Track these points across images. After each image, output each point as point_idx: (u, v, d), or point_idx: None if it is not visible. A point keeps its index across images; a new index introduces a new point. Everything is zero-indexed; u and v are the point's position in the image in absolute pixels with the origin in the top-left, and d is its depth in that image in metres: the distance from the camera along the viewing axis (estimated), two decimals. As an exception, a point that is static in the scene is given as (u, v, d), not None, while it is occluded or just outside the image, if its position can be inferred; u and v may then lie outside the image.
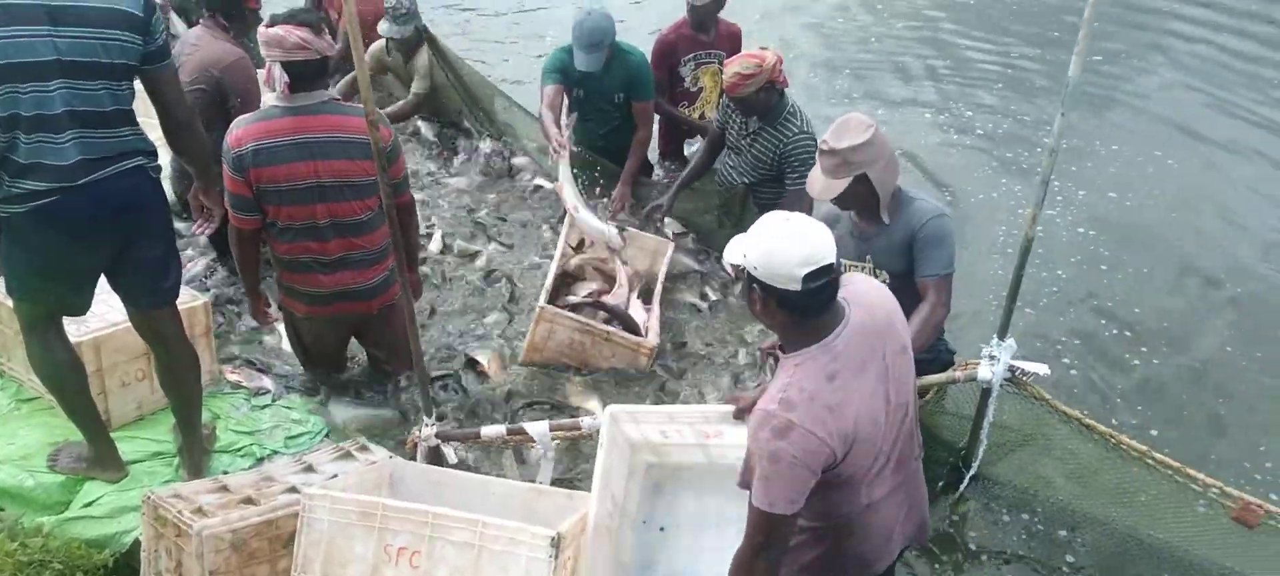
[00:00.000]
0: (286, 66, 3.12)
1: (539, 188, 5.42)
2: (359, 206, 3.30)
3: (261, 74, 3.83)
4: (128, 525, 3.03)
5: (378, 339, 3.68)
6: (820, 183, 3.05)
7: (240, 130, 3.18)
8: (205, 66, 3.89)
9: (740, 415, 2.76)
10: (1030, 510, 3.53)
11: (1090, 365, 4.76)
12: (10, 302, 3.01)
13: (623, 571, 2.83)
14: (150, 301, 3.04)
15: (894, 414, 2.22)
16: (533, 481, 3.18)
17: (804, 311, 2.11)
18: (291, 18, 3.14)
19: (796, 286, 2.05)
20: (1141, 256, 5.63)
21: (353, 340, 3.81)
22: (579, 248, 4.45)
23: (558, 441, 3.24)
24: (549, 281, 4.02)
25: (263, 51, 3.13)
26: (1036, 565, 3.43)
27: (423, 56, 5.64)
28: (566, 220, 4.36)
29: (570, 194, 4.25)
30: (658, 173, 5.51)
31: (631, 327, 3.96)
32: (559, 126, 4.41)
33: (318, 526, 2.44)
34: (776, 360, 2.66)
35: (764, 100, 4.11)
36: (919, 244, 3.04)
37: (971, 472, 3.38)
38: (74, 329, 3.12)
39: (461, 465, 3.25)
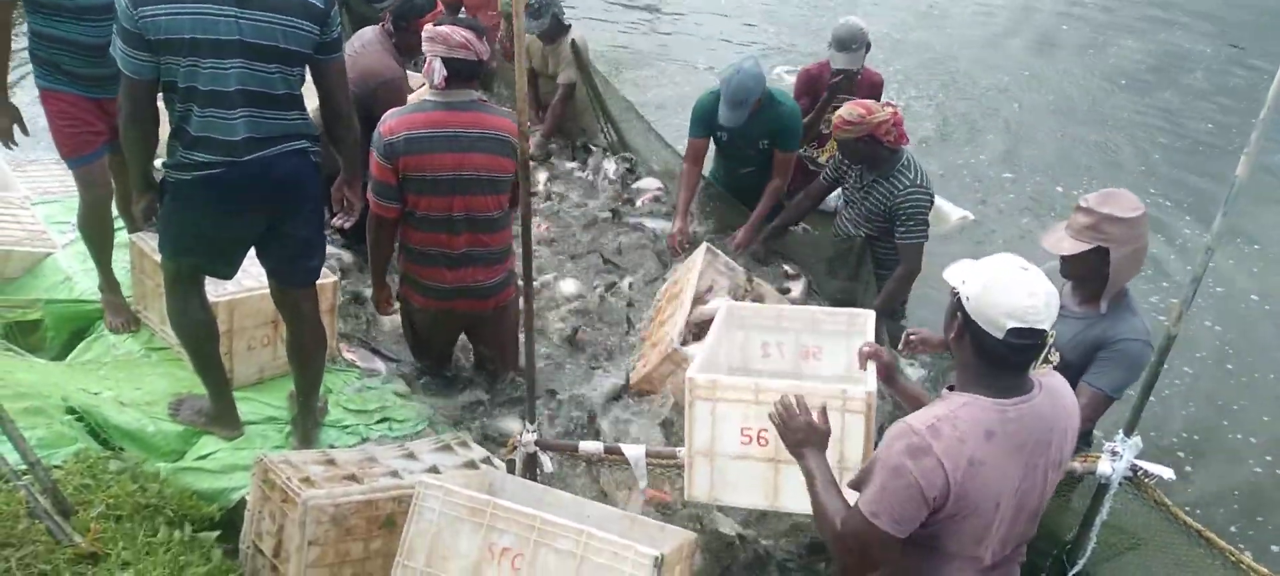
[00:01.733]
0: (446, 61, 3.29)
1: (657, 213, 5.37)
2: (492, 202, 3.42)
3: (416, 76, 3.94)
4: (237, 482, 3.15)
5: (488, 338, 3.75)
6: (1057, 235, 2.90)
7: (394, 120, 3.34)
8: (365, 75, 4.11)
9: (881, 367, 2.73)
10: (1131, 617, 3.36)
11: (1207, 469, 4.51)
12: (158, 257, 3.17)
13: None
14: (295, 279, 3.17)
15: (1020, 511, 2.12)
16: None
17: (993, 362, 2.03)
18: (457, 21, 3.34)
19: (999, 334, 1.97)
20: (1274, 363, 5.33)
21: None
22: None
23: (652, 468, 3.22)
24: (681, 322, 3.80)
25: (425, 48, 3.32)
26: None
27: (566, 46, 5.67)
28: (697, 263, 4.19)
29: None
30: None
31: None
32: (687, 213, 4.38)
33: (428, 515, 2.48)
34: None
35: (865, 151, 4.07)
36: (1108, 353, 2.90)
37: (1075, 571, 3.23)
38: (211, 289, 3.26)
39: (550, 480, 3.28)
